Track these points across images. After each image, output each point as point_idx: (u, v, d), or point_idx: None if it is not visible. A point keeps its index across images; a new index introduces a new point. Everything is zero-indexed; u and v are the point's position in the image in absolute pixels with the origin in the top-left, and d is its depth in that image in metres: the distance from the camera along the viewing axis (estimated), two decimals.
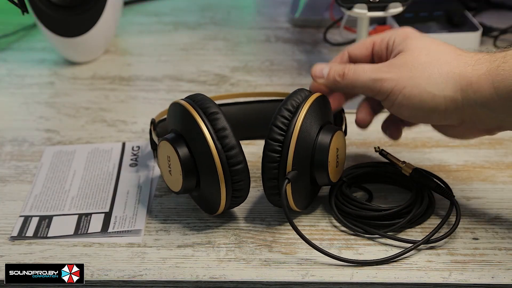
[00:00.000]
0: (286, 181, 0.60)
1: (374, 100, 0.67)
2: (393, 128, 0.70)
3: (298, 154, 0.61)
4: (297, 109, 0.62)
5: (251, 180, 0.63)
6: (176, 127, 0.64)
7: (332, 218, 0.66)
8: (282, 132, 0.61)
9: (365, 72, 0.63)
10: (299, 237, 0.62)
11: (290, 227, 0.64)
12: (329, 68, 0.67)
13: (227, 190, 0.61)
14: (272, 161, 0.61)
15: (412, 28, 0.66)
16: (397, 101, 0.61)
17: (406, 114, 0.63)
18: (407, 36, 0.64)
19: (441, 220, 0.64)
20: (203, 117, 0.61)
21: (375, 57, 0.67)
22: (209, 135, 0.60)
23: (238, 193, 0.62)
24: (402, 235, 0.63)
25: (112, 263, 0.61)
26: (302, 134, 0.61)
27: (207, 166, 0.61)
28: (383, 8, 0.80)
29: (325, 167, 0.62)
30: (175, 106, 0.64)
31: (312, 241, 0.60)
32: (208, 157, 0.60)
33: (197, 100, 0.63)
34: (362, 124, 0.69)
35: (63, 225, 0.66)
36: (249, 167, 0.62)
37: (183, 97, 0.64)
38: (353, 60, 0.68)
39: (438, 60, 0.61)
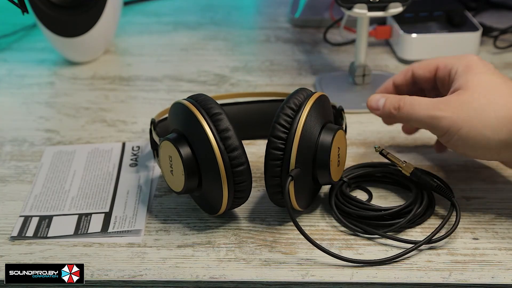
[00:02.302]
0: (290, 178, 0.60)
1: None
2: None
3: (301, 152, 0.61)
4: (299, 108, 0.62)
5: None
6: (178, 127, 0.64)
7: (332, 218, 0.66)
8: (285, 130, 0.61)
9: (422, 107, 0.64)
10: (299, 237, 0.63)
11: (290, 227, 0.64)
12: (385, 100, 0.67)
13: (229, 191, 0.61)
14: (275, 159, 0.61)
15: (478, 57, 0.66)
16: (452, 140, 0.63)
17: (461, 151, 0.64)
18: (470, 69, 0.64)
19: (441, 220, 0.64)
20: (206, 118, 0.61)
21: (437, 82, 0.69)
22: (212, 135, 0.60)
23: (240, 194, 0.62)
24: (402, 235, 0.63)
25: (112, 263, 0.61)
26: (305, 132, 0.61)
27: (209, 167, 0.61)
28: (383, 8, 0.80)
29: (327, 165, 0.62)
30: (177, 106, 0.64)
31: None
32: (211, 157, 0.60)
33: (199, 100, 0.63)
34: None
35: (63, 225, 0.66)
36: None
37: (185, 97, 0.64)
38: (415, 78, 0.70)
39: (497, 103, 0.61)
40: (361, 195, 0.69)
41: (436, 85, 0.70)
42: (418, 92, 0.71)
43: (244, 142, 0.62)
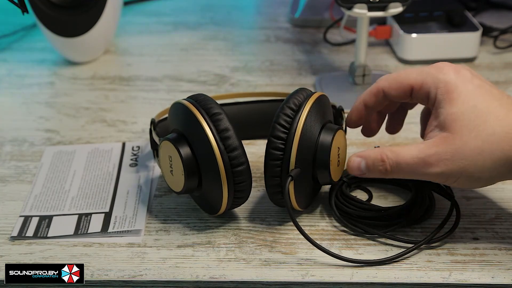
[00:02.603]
0: (290, 178, 0.60)
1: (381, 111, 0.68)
2: (394, 123, 0.70)
3: (301, 152, 0.61)
4: (299, 108, 0.62)
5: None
6: (178, 127, 0.64)
7: (332, 218, 0.66)
8: (285, 130, 0.61)
9: (410, 166, 0.59)
10: (299, 237, 0.63)
11: (290, 227, 0.64)
12: (365, 162, 0.61)
13: (229, 191, 0.61)
14: (275, 159, 0.61)
15: (454, 71, 0.59)
16: (452, 184, 0.60)
17: (462, 187, 0.63)
18: (451, 96, 0.58)
19: (441, 220, 0.64)
20: (206, 118, 0.61)
21: (414, 100, 0.63)
22: (212, 135, 0.60)
23: (240, 194, 0.62)
24: (402, 235, 0.63)
25: (112, 263, 0.61)
26: (305, 132, 0.61)
27: (209, 167, 0.61)
28: (383, 8, 0.80)
29: (327, 165, 0.62)
30: (177, 106, 0.64)
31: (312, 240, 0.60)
32: (211, 157, 0.60)
33: (199, 100, 0.63)
34: (368, 134, 0.70)
35: (63, 225, 0.66)
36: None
37: (185, 97, 0.64)
38: (387, 98, 0.64)
39: (490, 142, 0.56)
40: (361, 195, 0.69)
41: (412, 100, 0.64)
42: (395, 105, 0.67)
43: (244, 142, 0.62)
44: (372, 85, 0.65)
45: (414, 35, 0.94)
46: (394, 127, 0.71)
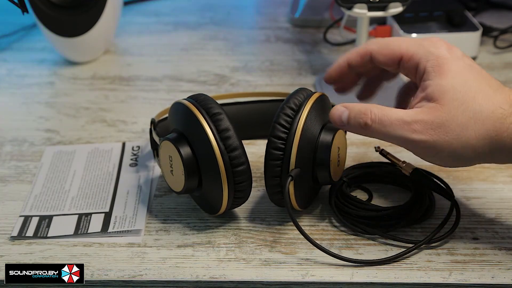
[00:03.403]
0: (290, 178, 0.60)
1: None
2: (367, 89, 0.69)
3: (301, 152, 0.61)
4: (299, 108, 0.62)
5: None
6: (178, 127, 0.64)
7: (332, 218, 0.66)
8: (285, 130, 0.61)
9: (394, 127, 0.58)
10: (299, 237, 0.63)
11: (290, 227, 0.64)
12: (348, 113, 0.60)
13: (229, 191, 0.61)
14: (275, 159, 0.61)
15: (446, 47, 0.60)
16: (430, 159, 0.59)
17: (439, 164, 0.61)
18: (441, 69, 0.58)
19: (441, 220, 0.64)
20: (206, 118, 0.61)
21: (401, 70, 0.63)
22: (212, 135, 0.60)
23: (240, 194, 0.62)
24: (402, 235, 0.63)
25: (112, 263, 0.61)
26: (305, 132, 0.61)
27: (209, 167, 0.61)
28: (383, 8, 0.80)
29: (327, 165, 0.62)
30: (177, 106, 0.64)
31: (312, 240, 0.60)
32: (211, 157, 0.60)
33: (199, 100, 0.63)
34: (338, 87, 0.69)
35: (63, 225, 0.66)
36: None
37: (185, 97, 0.64)
38: (374, 63, 0.63)
39: (476, 118, 0.56)
40: (361, 195, 0.69)
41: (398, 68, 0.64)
42: (376, 70, 0.66)
43: (244, 142, 0.62)
44: (361, 46, 0.64)
45: (414, 35, 0.94)
46: (366, 93, 0.69)
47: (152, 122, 0.70)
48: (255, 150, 0.76)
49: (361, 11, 0.80)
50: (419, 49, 0.60)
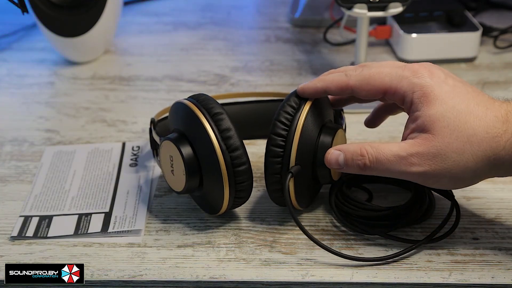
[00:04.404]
0: (290, 175, 0.60)
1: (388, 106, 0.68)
2: (376, 118, 0.70)
3: (301, 149, 0.61)
4: (299, 106, 0.62)
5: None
6: (179, 126, 0.64)
7: (332, 218, 0.66)
8: (285, 127, 0.61)
9: (392, 164, 0.58)
10: (299, 237, 0.63)
11: (290, 227, 0.64)
12: (344, 156, 0.60)
13: (231, 191, 0.61)
14: (275, 156, 0.61)
15: (421, 67, 0.59)
16: (431, 185, 0.59)
17: (440, 188, 0.61)
18: (427, 99, 0.57)
19: (441, 220, 0.64)
20: (208, 118, 0.61)
21: (387, 101, 0.63)
22: (213, 135, 0.60)
23: (241, 194, 0.62)
24: (402, 235, 0.63)
25: (112, 263, 0.61)
26: (305, 130, 0.61)
27: (211, 167, 0.61)
28: (383, 8, 0.80)
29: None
30: (178, 106, 0.64)
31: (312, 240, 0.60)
32: (213, 157, 0.60)
33: (200, 100, 0.63)
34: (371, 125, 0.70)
35: (63, 225, 0.66)
36: None
37: (185, 97, 0.64)
38: (355, 95, 0.62)
39: (472, 143, 0.56)
40: (361, 195, 0.69)
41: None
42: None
43: (244, 142, 0.62)
44: (341, 77, 0.61)
45: (414, 35, 0.94)
46: (374, 121, 0.71)
47: (152, 121, 0.70)
48: (255, 150, 0.76)
49: (361, 11, 0.80)
50: (402, 81, 0.59)
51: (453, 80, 0.59)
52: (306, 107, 0.62)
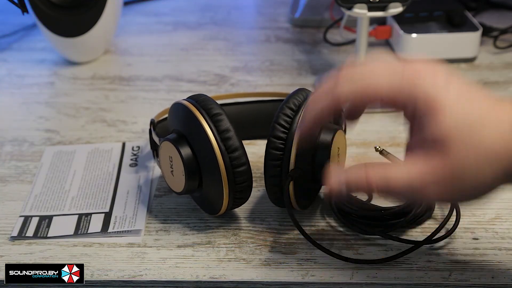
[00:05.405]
0: (289, 178, 0.60)
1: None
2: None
3: (300, 152, 0.61)
4: (299, 108, 0.62)
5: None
6: (179, 127, 0.64)
7: (332, 218, 0.66)
8: (285, 130, 0.61)
9: (402, 184, 0.51)
10: (299, 237, 0.63)
11: (290, 227, 0.64)
12: (345, 177, 0.53)
13: (230, 191, 0.61)
14: (275, 159, 0.61)
15: (425, 73, 0.52)
16: (444, 203, 0.57)
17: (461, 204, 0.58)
18: (435, 109, 0.50)
19: (441, 220, 0.64)
20: (207, 118, 0.61)
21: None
22: (212, 136, 0.60)
23: (240, 194, 0.62)
24: (402, 235, 0.63)
25: (112, 263, 0.61)
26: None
27: (210, 167, 0.61)
28: (383, 8, 0.80)
29: (327, 165, 0.62)
30: (177, 107, 0.64)
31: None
32: (212, 158, 0.60)
33: (200, 100, 0.63)
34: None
35: (63, 225, 0.66)
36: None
37: (185, 97, 0.64)
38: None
39: (490, 160, 0.50)
40: (361, 195, 0.69)
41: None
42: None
43: (244, 142, 0.62)
44: (331, 97, 0.53)
45: (414, 35, 0.94)
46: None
47: (152, 122, 0.70)
48: (255, 150, 0.76)
49: (361, 11, 0.80)
50: (402, 89, 0.51)
51: (457, 82, 0.52)
52: None
